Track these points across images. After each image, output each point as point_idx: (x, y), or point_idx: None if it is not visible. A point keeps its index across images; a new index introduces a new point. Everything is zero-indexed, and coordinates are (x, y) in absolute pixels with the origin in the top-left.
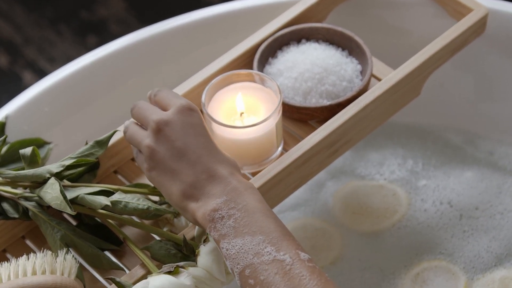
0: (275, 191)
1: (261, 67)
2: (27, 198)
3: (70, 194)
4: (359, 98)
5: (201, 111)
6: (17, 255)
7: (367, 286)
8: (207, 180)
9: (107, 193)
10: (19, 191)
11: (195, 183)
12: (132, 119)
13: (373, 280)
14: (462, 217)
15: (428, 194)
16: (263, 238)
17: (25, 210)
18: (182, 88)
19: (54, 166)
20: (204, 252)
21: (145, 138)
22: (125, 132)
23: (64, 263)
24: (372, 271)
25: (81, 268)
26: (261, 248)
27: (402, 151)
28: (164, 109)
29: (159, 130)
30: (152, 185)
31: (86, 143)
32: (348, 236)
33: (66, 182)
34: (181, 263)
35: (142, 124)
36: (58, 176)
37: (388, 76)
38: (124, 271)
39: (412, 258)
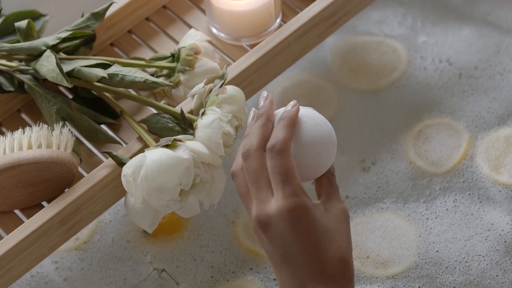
0: (273, 63)
1: None
2: (22, 71)
3: (66, 67)
4: None
5: None
6: (13, 129)
7: (366, 143)
8: None
9: (103, 66)
10: (14, 64)
11: None
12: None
13: (373, 136)
14: (462, 76)
15: (427, 51)
16: None
17: (21, 83)
18: None
19: (50, 39)
20: (202, 126)
21: (251, 216)
22: (232, 177)
23: (60, 137)
24: (372, 128)
25: (77, 142)
26: None
27: (401, 9)
28: (273, 184)
29: (258, 230)
30: None
31: (82, 15)
32: (346, 93)
33: (62, 55)
34: (179, 137)
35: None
36: (54, 48)
37: None
38: (121, 144)
39: (412, 116)
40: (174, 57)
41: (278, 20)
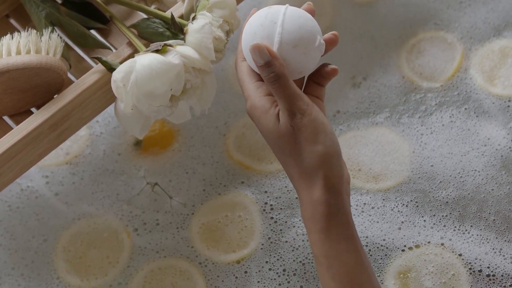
0: None
1: None
2: None
3: None
4: None
5: None
6: (1, 35)
7: (359, 56)
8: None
9: None
10: None
11: None
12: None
13: (365, 50)
14: None
15: None
16: None
17: None
18: None
19: None
20: (193, 30)
21: None
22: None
23: (49, 42)
24: (364, 41)
25: (66, 47)
26: None
27: None
28: None
29: None
30: None
31: None
32: (339, 4)
33: None
34: (169, 42)
35: None
36: None
37: None
38: (111, 50)
39: (406, 29)
40: None
41: None
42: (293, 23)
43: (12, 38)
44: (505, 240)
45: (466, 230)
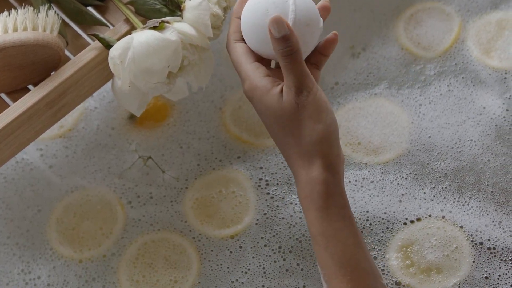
0: None
1: None
2: None
3: None
4: None
5: None
6: None
7: (357, 27)
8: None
9: None
10: None
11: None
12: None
13: (363, 20)
14: None
15: None
16: (321, 272)
17: None
18: None
19: None
20: (190, 7)
21: None
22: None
23: (46, 19)
24: (363, 12)
25: (63, 24)
26: (321, 280)
27: None
28: None
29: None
30: None
31: None
32: None
33: None
34: (166, 18)
35: None
36: None
37: None
38: (108, 27)
39: (404, 0)
40: None
41: None
42: (303, 2)
43: (9, 15)
44: (504, 213)
45: (466, 202)
